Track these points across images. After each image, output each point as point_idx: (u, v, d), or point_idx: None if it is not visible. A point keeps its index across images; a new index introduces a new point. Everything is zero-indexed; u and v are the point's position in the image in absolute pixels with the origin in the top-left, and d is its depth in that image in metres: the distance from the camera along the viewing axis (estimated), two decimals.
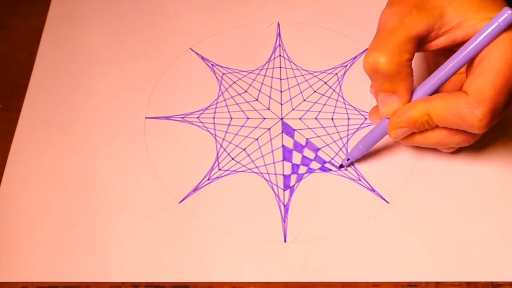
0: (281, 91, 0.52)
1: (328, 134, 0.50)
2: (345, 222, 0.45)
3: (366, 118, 0.50)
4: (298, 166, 0.48)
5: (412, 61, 0.41)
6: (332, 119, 0.50)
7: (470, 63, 0.41)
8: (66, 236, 0.44)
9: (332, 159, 0.48)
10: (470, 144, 0.43)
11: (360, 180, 0.47)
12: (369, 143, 0.46)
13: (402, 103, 0.41)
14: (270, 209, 0.46)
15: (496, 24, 0.38)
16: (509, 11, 0.38)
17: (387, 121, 0.43)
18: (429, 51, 0.43)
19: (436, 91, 0.42)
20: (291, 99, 0.52)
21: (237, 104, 0.52)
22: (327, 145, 0.49)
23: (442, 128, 0.41)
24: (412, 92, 0.42)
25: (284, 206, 0.46)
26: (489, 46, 0.39)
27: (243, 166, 0.48)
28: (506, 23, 0.38)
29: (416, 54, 0.42)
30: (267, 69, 0.54)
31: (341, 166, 0.47)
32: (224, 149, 0.49)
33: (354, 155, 0.46)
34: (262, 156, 0.48)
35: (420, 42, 0.41)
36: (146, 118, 0.51)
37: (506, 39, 0.38)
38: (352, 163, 0.47)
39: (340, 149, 0.49)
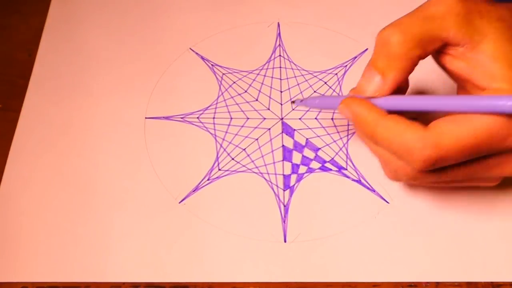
0: (281, 91, 0.52)
1: (328, 134, 0.50)
2: (345, 222, 0.45)
3: None
4: (298, 166, 0.48)
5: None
6: (332, 119, 0.50)
7: None
8: (66, 236, 0.44)
9: (332, 158, 0.48)
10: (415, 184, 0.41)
11: (360, 180, 0.47)
12: (325, 104, 0.43)
13: (382, 89, 0.38)
14: (270, 209, 0.46)
15: (503, 107, 0.33)
16: None
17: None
18: (442, 67, 0.39)
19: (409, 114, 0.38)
20: (291, 99, 0.52)
21: (237, 104, 0.52)
22: (327, 145, 0.49)
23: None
24: (395, 88, 0.38)
25: (284, 206, 0.46)
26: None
27: (243, 166, 0.48)
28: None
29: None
30: (267, 69, 0.54)
31: (293, 102, 0.45)
32: (224, 149, 0.49)
33: (307, 103, 0.44)
34: (262, 156, 0.48)
35: (443, 49, 0.37)
36: (146, 118, 0.51)
37: (503, 116, 0.34)
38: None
39: (340, 149, 0.49)
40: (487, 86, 0.36)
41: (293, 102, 0.45)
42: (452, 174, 0.38)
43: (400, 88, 0.40)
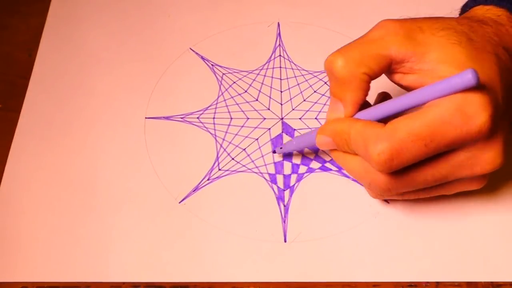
0: (281, 91, 0.52)
1: None
2: (345, 222, 0.45)
3: None
4: (298, 166, 0.48)
5: None
6: None
7: None
8: (66, 236, 0.44)
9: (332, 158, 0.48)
10: (380, 197, 0.42)
11: None
12: (301, 142, 0.46)
13: (345, 113, 0.40)
14: (270, 209, 0.46)
15: (451, 83, 0.35)
16: (469, 75, 0.34)
17: None
18: (398, 84, 0.41)
19: (382, 120, 0.39)
20: (291, 99, 0.52)
21: (237, 104, 0.52)
22: None
23: (360, 160, 0.39)
24: (359, 107, 0.40)
25: (284, 206, 0.46)
26: (438, 100, 0.36)
27: (243, 166, 0.48)
28: (463, 85, 0.34)
29: None
30: (267, 69, 0.54)
31: (274, 151, 0.48)
32: (224, 149, 0.49)
33: (287, 148, 0.47)
34: (262, 156, 0.48)
35: (392, 68, 0.39)
36: (146, 118, 0.51)
37: (454, 100, 0.35)
38: (285, 154, 0.48)
39: None
40: None
41: (274, 152, 0.47)
42: (420, 176, 0.38)
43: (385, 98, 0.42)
